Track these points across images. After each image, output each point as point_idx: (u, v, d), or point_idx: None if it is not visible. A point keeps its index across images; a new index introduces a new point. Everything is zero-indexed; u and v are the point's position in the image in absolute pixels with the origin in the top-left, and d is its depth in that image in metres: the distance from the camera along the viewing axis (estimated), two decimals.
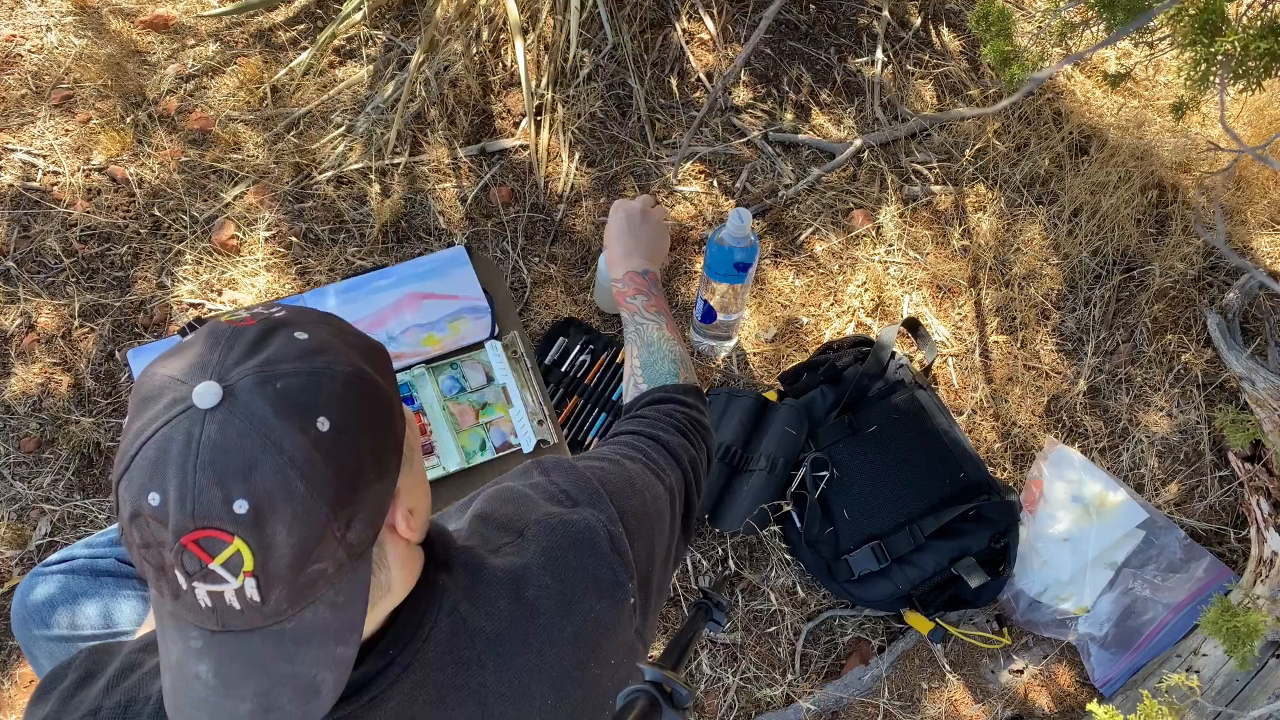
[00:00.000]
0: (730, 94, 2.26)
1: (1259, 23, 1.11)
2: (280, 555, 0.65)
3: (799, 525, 1.79)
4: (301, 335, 0.70)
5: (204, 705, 0.69)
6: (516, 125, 2.14)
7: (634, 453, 1.04)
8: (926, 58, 2.35)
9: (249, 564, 0.64)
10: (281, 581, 0.66)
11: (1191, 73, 1.13)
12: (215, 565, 0.64)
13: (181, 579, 0.65)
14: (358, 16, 2.17)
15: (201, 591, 0.65)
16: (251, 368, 0.66)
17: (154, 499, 0.64)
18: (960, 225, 2.16)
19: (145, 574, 0.67)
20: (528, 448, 1.66)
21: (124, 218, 1.96)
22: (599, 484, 0.95)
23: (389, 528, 0.74)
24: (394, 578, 0.76)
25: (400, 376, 1.63)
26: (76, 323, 1.86)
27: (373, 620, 0.77)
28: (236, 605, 0.66)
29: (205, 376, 0.66)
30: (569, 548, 0.89)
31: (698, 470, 1.10)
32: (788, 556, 1.81)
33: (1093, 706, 1.28)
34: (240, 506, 0.63)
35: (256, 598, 0.65)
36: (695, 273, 2.05)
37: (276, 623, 0.68)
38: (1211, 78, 1.13)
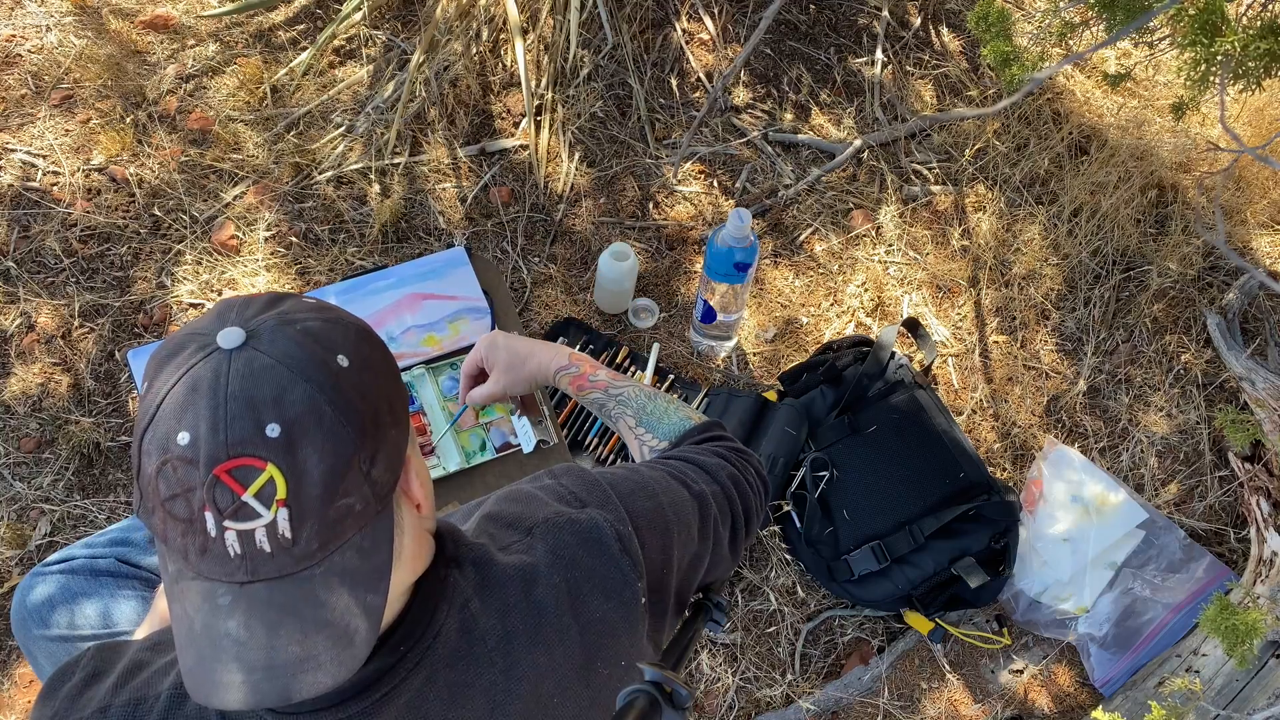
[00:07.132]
0: (730, 94, 2.26)
1: (1259, 23, 1.11)
2: (311, 482, 0.66)
3: (799, 525, 1.79)
4: (310, 300, 0.74)
5: (235, 661, 0.68)
6: (516, 125, 2.14)
7: (657, 465, 1.03)
8: (926, 58, 2.35)
9: (281, 491, 0.65)
10: (312, 515, 0.66)
11: (1191, 73, 1.13)
12: (248, 496, 0.65)
13: (211, 522, 0.65)
14: (358, 16, 2.17)
15: (231, 535, 0.65)
16: (271, 315, 0.70)
17: (183, 438, 0.65)
18: (960, 225, 2.16)
19: (168, 536, 0.67)
20: (527, 448, 1.66)
21: (124, 218, 1.96)
22: (608, 486, 0.95)
23: (404, 490, 0.75)
24: (406, 546, 0.76)
25: None
26: (76, 323, 1.86)
27: (385, 612, 0.76)
28: (267, 547, 0.66)
29: (227, 325, 0.69)
30: (576, 546, 0.88)
31: (742, 488, 1.05)
32: (788, 556, 1.81)
33: (1097, 713, 1.27)
34: (273, 430, 0.65)
35: (288, 533, 0.66)
36: (695, 273, 2.05)
37: (306, 568, 0.68)
38: (1211, 78, 1.13)
